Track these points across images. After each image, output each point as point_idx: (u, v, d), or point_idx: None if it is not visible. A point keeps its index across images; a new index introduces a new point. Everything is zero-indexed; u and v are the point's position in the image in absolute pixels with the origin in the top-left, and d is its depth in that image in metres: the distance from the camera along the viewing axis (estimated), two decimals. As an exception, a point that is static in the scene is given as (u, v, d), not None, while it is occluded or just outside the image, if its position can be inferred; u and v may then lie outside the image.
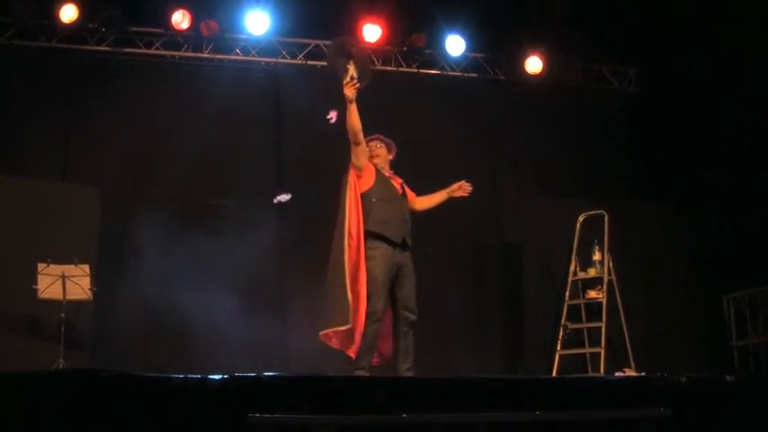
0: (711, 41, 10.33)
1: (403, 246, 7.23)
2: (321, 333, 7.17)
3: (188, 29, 10.47)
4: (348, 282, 7.05)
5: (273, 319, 10.18)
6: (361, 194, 7.30)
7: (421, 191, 7.86)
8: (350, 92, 7.17)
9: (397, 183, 7.48)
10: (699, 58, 10.61)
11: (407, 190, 7.61)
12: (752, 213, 10.20)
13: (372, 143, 7.51)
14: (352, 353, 7.16)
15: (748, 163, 10.28)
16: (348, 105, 7.20)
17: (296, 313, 10.11)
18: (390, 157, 7.58)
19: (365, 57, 7.53)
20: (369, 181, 7.33)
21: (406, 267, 7.24)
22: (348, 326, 6.99)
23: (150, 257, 9.98)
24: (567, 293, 10.02)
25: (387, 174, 7.48)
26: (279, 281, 10.32)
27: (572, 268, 10.08)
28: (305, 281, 10.13)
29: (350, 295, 7.01)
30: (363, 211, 7.25)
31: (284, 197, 7.96)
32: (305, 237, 10.21)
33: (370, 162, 7.42)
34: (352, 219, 7.20)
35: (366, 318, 7.03)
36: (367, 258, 7.14)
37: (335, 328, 7.06)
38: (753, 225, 10.18)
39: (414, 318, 7.24)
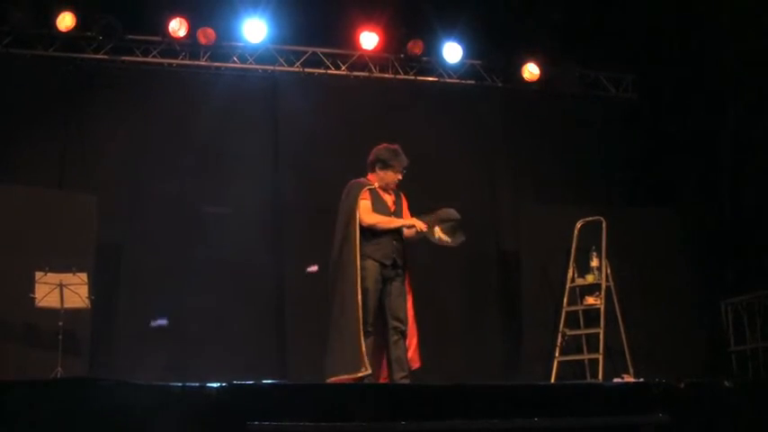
0: (707, 46, 10.35)
1: (394, 265, 7.24)
2: (333, 378, 7.14)
3: (185, 37, 10.48)
4: (360, 326, 7.06)
5: (272, 324, 10.20)
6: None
7: (418, 197, 7.89)
8: (420, 227, 7.14)
9: (390, 200, 7.41)
10: (695, 63, 10.63)
11: (405, 207, 7.57)
12: (749, 219, 10.21)
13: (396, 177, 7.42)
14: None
15: (746, 169, 10.30)
16: (395, 223, 7.22)
17: (295, 318, 10.12)
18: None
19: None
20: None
21: (395, 281, 7.26)
22: (367, 372, 7.00)
23: (148, 265, 9.99)
24: (565, 300, 10.01)
25: (383, 194, 7.41)
26: (278, 289, 10.31)
27: (570, 275, 10.07)
28: (304, 288, 10.15)
29: (362, 338, 7.03)
30: (361, 233, 7.27)
31: (313, 269, 7.93)
32: (303, 244, 10.21)
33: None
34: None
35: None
36: (361, 269, 7.16)
37: (351, 375, 7.03)
38: (750, 231, 10.19)
39: (403, 327, 7.25)
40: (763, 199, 9.94)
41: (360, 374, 6.99)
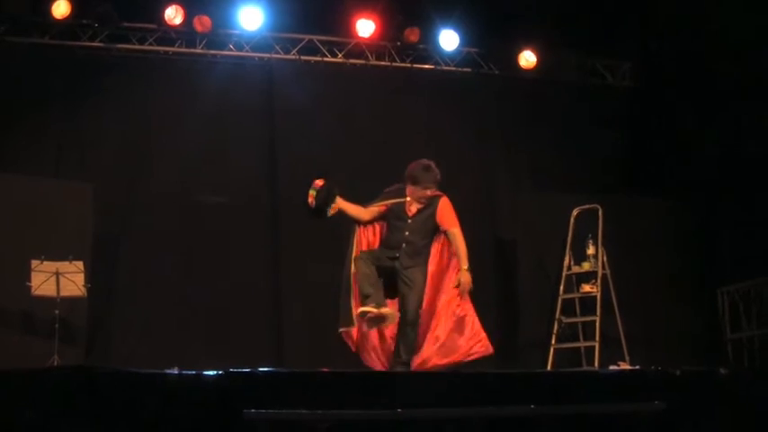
0: (706, 35, 10.33)
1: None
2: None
3: (181, 24, 10.45)
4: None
5: (269, 312, 10.21)
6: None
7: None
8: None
9: (414, 209, 7.57)
10: (693, 51, 10.62)
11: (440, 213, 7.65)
12: (745, 207, 10.21)
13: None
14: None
15: (742, 156, 10.30)
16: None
17: (291, 308, 10.13)
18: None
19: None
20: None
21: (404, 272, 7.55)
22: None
23: (144, 254, 9.99)
24: (562, 288, 10.03)
25: (409, 205, 7.61)
26: (274, 277, 10.32)
27: (566, 262, 10.09)
28: (300, 276, 10.16)
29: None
30: None
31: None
32: (300, 232, 10.21)
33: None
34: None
35: None
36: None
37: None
38: (746, 218, 10.19)
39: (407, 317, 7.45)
40: (760, 187, 9.94)
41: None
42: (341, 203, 7.62)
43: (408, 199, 7.55)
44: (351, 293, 7.45)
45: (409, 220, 7.53)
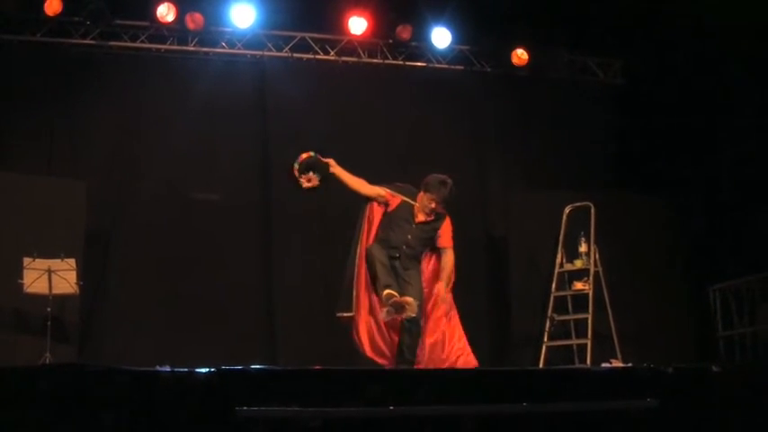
0: (697, 33, 10.34)
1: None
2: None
3: (173, 22, 10.43)
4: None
5: (261, 310, 10.20)
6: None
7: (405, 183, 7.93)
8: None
9: (421, 217, 7.61)
10: (684, 49, 10.63)
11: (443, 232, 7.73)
12: (737, 204, 10.23)
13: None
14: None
15: (734, 154, 10.31)
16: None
17: (283, 306, 10.12)
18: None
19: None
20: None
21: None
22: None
23: (136, 251, 9.98)
24: (554, 285, 10.03)
25: (418, 211, 7.63)
26: (266, 274, 10.31)
27: (558, 260, 10.09)
28: (293, 274, 10.16)
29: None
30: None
31: None
32: (292, 229, 10.21)
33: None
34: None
35: None
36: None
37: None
38: (738, 216, 10.21)
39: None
40: (752, 184, 9.96)
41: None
42: (338, 172, 7.71)
43: (417, 205, 7.58)
44: (357, 278, 7.53)
45: (414, 226, 7.59)
